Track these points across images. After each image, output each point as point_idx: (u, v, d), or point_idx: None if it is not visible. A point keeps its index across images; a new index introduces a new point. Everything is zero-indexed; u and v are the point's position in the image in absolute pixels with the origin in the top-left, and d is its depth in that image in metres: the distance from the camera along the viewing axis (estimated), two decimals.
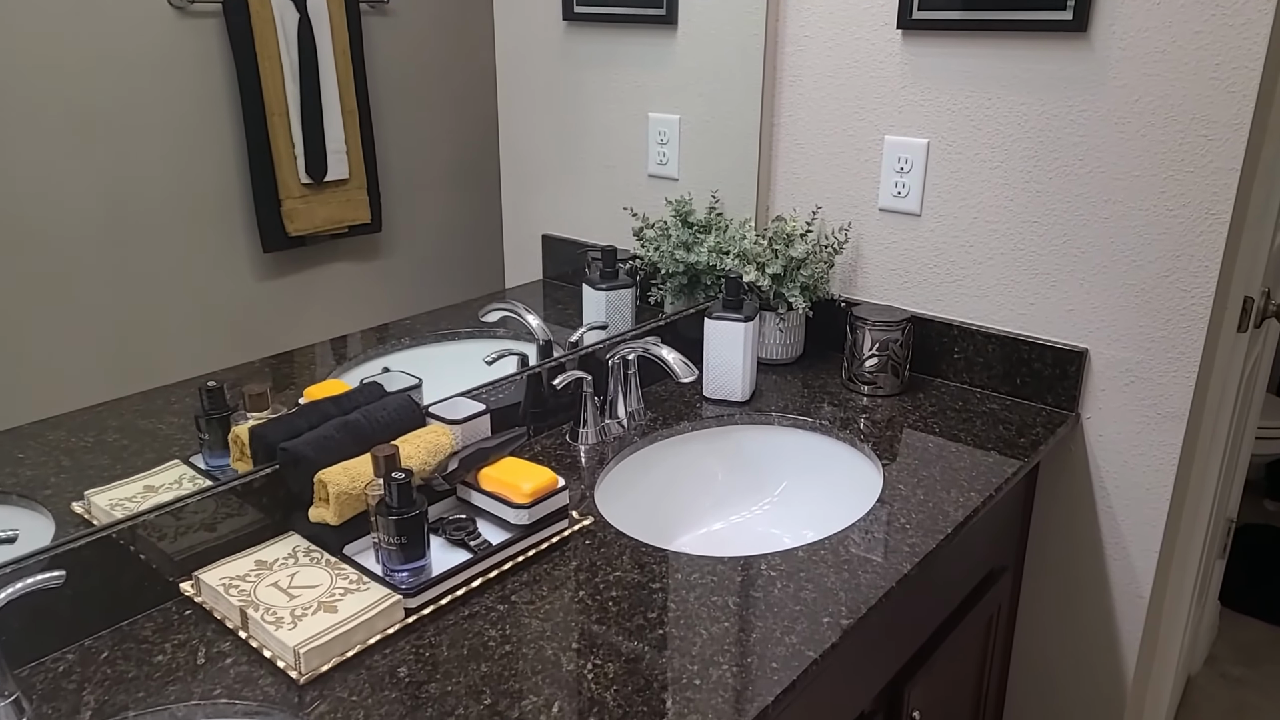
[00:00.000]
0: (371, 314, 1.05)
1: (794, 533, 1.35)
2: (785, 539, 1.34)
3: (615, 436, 1.35)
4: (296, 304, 0.95)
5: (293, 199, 0.89)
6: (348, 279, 1.00)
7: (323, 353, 1.09)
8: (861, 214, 1.59)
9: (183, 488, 1.02)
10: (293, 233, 0.90)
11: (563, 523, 1.08)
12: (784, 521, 1.37)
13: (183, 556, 0.97)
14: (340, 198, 0.93)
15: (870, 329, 1.48)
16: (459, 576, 0.96)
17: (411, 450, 1.04)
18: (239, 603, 0.90)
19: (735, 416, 1.43)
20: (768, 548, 1.32)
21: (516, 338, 1.33)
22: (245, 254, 0.88)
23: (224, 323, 0.93)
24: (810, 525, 1.35)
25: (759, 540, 1.35)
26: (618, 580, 0.99)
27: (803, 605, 0.94)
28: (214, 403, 1.05)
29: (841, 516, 1.30)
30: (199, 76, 0.85)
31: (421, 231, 1.05)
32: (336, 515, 0.97)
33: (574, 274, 1.39)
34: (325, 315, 1.00)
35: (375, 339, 1.13)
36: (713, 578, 0.99)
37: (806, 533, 1.34)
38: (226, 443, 1.05)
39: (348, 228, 0.94)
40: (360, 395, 1.11)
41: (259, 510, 1.03)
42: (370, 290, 1.04)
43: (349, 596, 0.90)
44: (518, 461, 1.09)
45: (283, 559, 0.98)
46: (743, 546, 1.34)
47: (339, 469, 0.98)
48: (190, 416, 0.96)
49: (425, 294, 1.11)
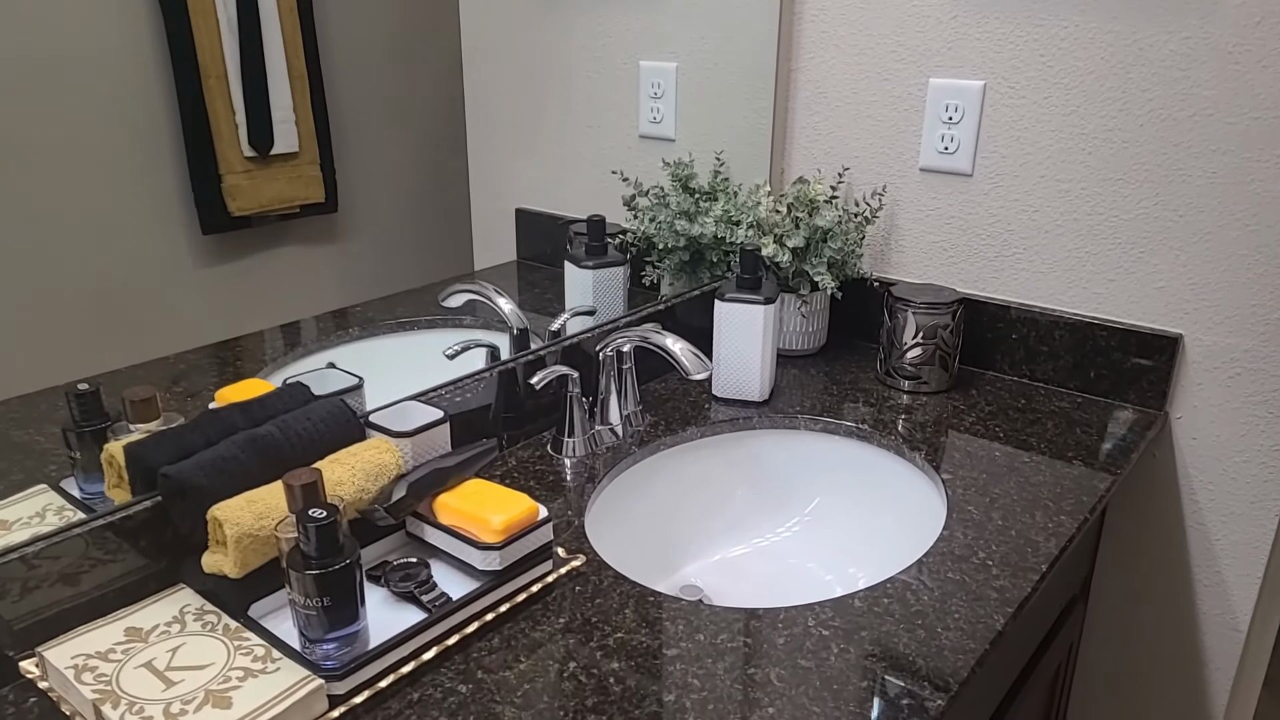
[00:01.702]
0: (326, 303, 0.92)
1: (833, 562, 1.13)
2: (822, 572, 1.13)
3: (608, 446, 1.13)
4: (240, 293, 0.83)
5: (235, 174, 0.78)
6: (300, 264, 0.87)
7: (255, 347, 0.88)
8: (899, 175, 1.38)
9: (44, 522, 0.80)
10: (236, 212, 0.79)
11: (545, 564, 0.85)
12: (819, 546, 1.16)
13: (27, 623, 0.74)
14: (289, 173, 0.82)
15: (915, 312, 1.27)
16: (407, 646, 0.74)
17: (343, 474, 0.81)
18: (94, 694, 0.66)
19: (753, 420, 1.22)
20: (803, 585, 1.11)
21: (487, 327, 1.11)
22: (181, 236, 0.77)
23: (153, 315, 0.79)
24: (852, 553, 1.13)
25: (789, 572, 1.13)
26: (620, 645, 0.77)
27: (871, 680, 0.72)
28: (86, 411, 0.82)
29: (894, 543, 1.08)
30: (122, 31, 0.74)
31: (382, 210, 0.93)
32: (237, 565, 0.74)
33: (553, 253, 1.18)
34: (273, 305, 0.86)
35: (321, 329, 0.93)
36: (745, 639, 0.77)
37: (849, 566, 1.12)
38: (101, 464, 0.82)
39: (299, 207, 0.84)
40: (277, 401, 0.88)
41: (138, 556, 0.80)
42: (325, 277, 0.90)
43: (250, 682, 0.68)
44: (486, 485, 0.86)
45: (165, 625, 0.75)
46: (769, 580, 1.12)
47: (241, 502, 0.75)
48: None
49: (387, 280, 0.97)
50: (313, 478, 0.72)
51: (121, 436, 0.85)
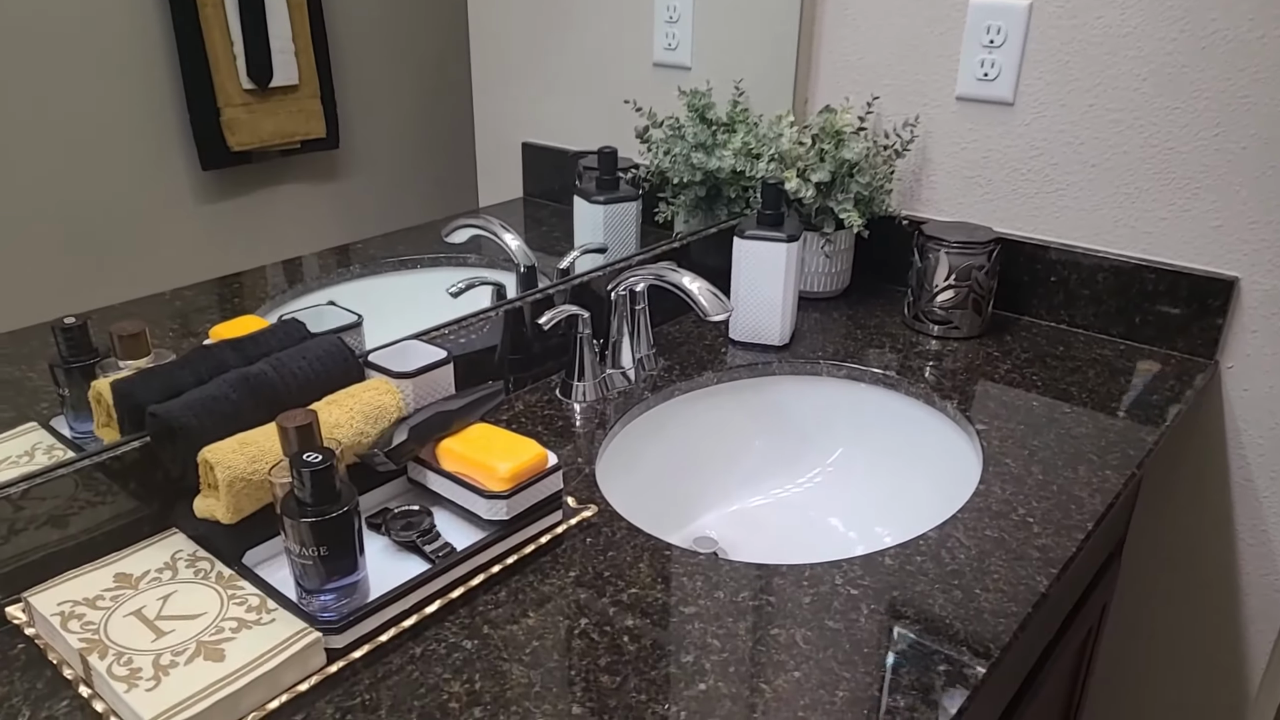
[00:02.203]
0: (326, 240, 0.89)
1: (857, 516, 1.10)
2: (844, 526, 1.10)
3: (619, 391, 1.10)
4: (239, 230, 0.81)
5: (233, 107, 0.76)
6: (301, 201, 0.85)
7: (254, 284, 0.85)
8: (933, 104, 1.32)
9: (33, 461, 0.78)
10: (235, 147, 0.77)
11: (555, 515, 0.83)
12: (841, 499, 1.13)
13: (12, 567, 0.72)
14: (290, 107, 0.80)
15: (948, 252, 1.22)
16: (409, 598, 0.71)
17: (340, 415, 0.78)
18: (81, 643, 0.64)
19: (772, 365, 1.18)
20: (825, 540, 1.08)
21: (492, 265, 1.07)
22: (180, 172, 0.76)
23: (150, 251, 0.77)
24: (877, 507, 1.10)
25: (809, 526, 1.10)
26: (635, 602, 0.74)
27: (904, 644, 0.70)
28: (74, 346, 0.79)
29: (923, 498, 1.05)
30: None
31: (383, 146, 0.91)
32: (230, 510, 0.71)
33: (560, 190, 1.13)
34: (273, 242, 0.84)
35: (322, 266, 0.90)
36: (768, 598, 0.75)
37: (874, 520, 1.09)
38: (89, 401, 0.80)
39: (299, 142, 0.82)
40: (271, 338, 0.84)
41: (128, 498, 0.77)
42: (326, 214, 0.88)
43: (244, 633, 0.65)
44: (492, 430, 0.83)
45: (155, 572, 0.72)
46: (788, 534, 1.09)
47: (233, 444, 0.72)
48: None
49: (389, 217, 0.94)
50: (308, 419, 0.69)
51: (110, 373, 0.82)
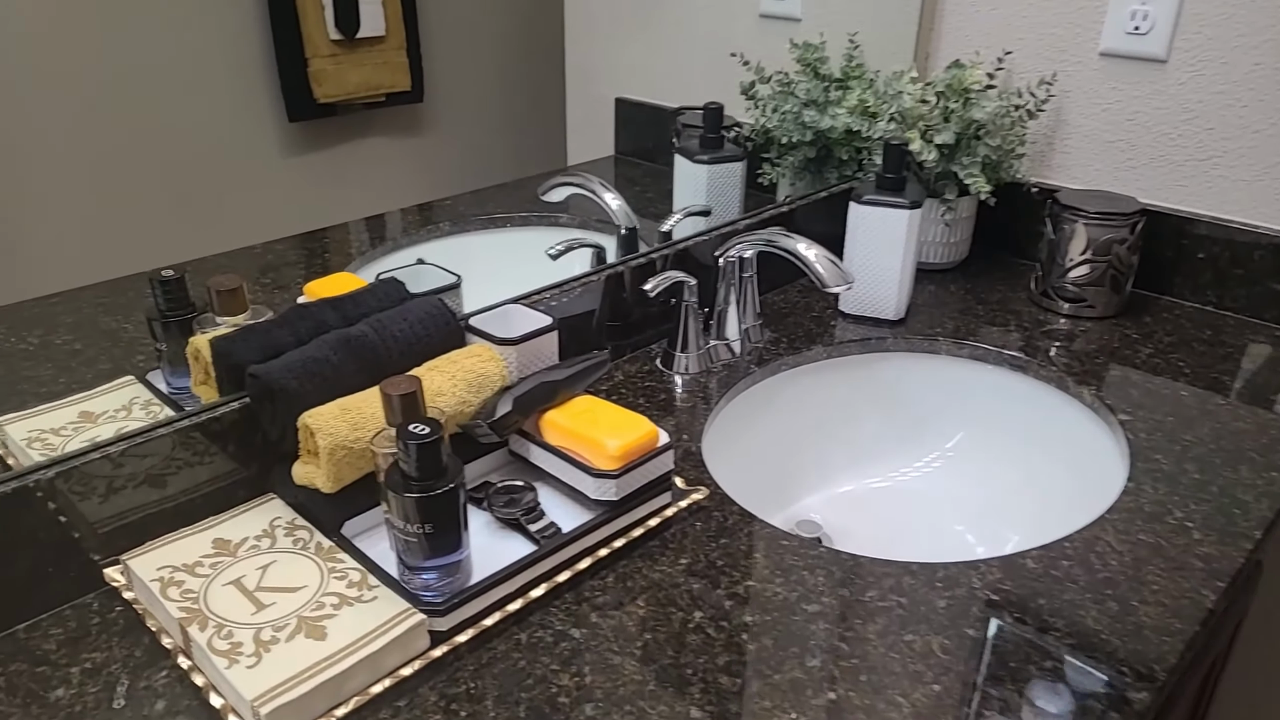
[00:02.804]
0: (412, 196, 0.87)
1: (978, 508, 1.04)
2: (964, 517, 1.04)
3: (724, 364, 1.05)
4: (326, 183, 0.80)
5: (321, 58, 0.76)
6: (386, 155, 0.84)
7: (342, 240, 0.83)
8: (1073, 61, 1.22)
9: (130, 417, 0.77)
10: (321, 98, 0.77)
11: (664, 496, 0.79)
12: (962, 488, 1.07)
13: (111, 527, 0.71)
14: (375, 59, 0.80)
15: (1086, 224, 1.14)
16: (514, 580, 0.68)
17: (443, 383, 0.75)
18: (181, 612, 0.63)
19: (887, 341, 1.12)
20: (940, 532, 1.02)
21: (584, 226, 1.03)
22: (268, 122, 0.75)
23: (239, 202, 0.76)
24: (1004, 498, 1.04)
25: (924, 516, 1.05)
26: (752, 595, 0.70)
27: (1054, 661, 0.64)
28: (172, 300, 0.78)
29: (1057, 492, 0.99)
30: None
31: (469, 101, 0.88)
32: (331, 479, 0.69)
33: (654, 149, 1.08)
34: (356, 197, 0.83)
35: (408, 223, 0.88)
36: (899, 599, 0.70)
37: (999, 511, 1.03)
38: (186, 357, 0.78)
39: (385, 95, 0.81)
40: (371, 297, 0.82)
41: (226, 459, 0.76)
42: (411, 169, 0.86)
43: (346, 611, 0.63)
44: (598, 403, 0.79)
45: (254, 539, 0.71)
46: (899, 523, 1.04)
47: (335, 410, 0.69)
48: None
49: (474, 174, 0.91)
50: (412, 387, 0.66)
51: (208, 329, 0.81)
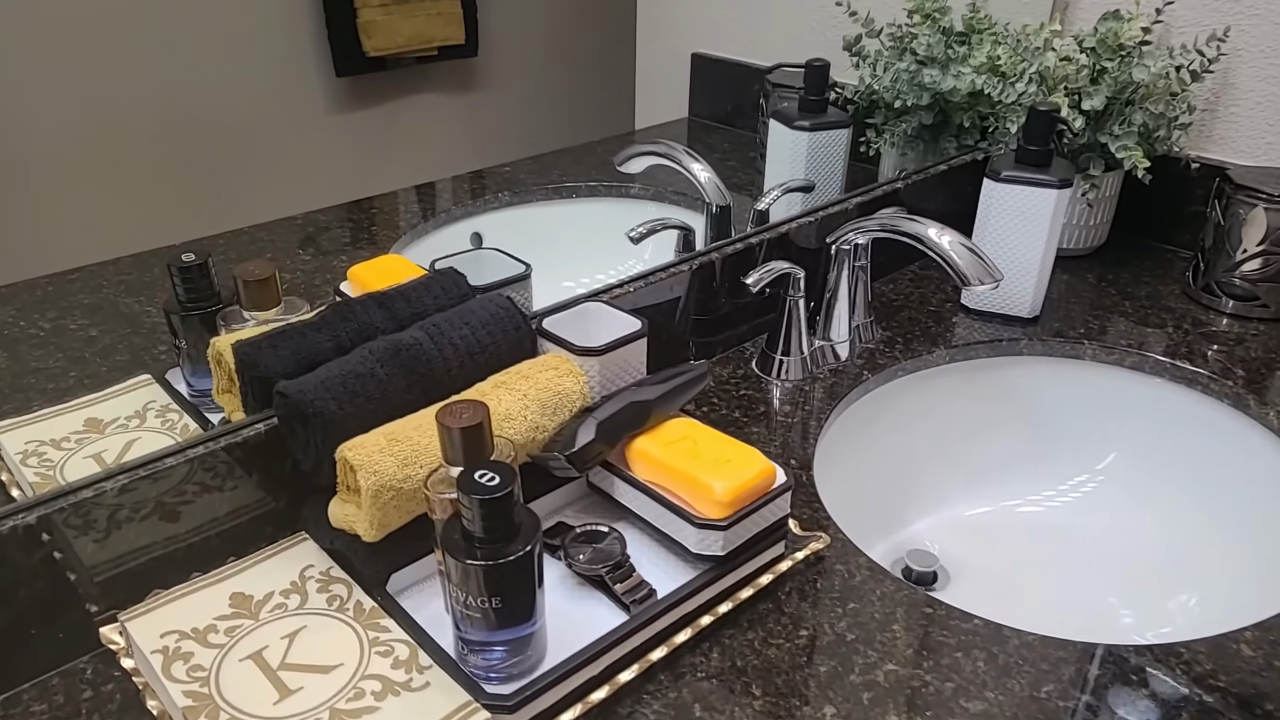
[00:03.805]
0: (463, 160, 0.78)
1: (1142, 549, 0.89)
2: (1123, 562, 0.89)
3: (830, 368, 0.91)
4: (371, 145, 0.73)
5: (371, 8, 0.70)
6: (438, 114, 0.76)
7: (390, 210, 0.73)
8: (1250, 13, 1.04)
9: (144, 426, 0.67)
10: (371, 52, 0.71)
11: (777, 547, 0.65)
12: (1117, 521, 0.92)
13: (110, 573, 0.59)
14: (429, 9, 0.74)
15: (1268, 208, 0.97)
16: (599, 661, 0.55)
17: (511, 403, 0.62)
18: (187, 699, 0.51)
19: (1020, 343, 0.97)
20: (1088, 571, 0.87)
21: (659, 198, 0.89)
22: (314, 77, 0.69)
23: (281, 163, 0.68)
24: (1168, 542, 0.89)
25: (1069, 554, 0.90)
26: (896, 685, 0.56)
27: None
28: (192, 289, 0.68)
29: (1250, 539, 0.83)
30: None
31: (528, 56, 0.80)
32: (373, 526, 0.57)
33: (733, 112, 0.95)
34: (406, 160, 0.75)
35: (463, 193, 0.78)
36: (1083, 697, 0.56)
37: (1169, 556, 0.88)
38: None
39: (437, 49, 0.75)
40: (426, 293, 0.69)
41: (251, 489, 0.64)
42: (465, 130, 0.77)
43: (390, 703, 0.51)
44: (697, 427, 0.66)
45: (280, 595, 0.59)
46: (1033, 557, 0.90)
47: (380, 441, 0.57)
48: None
49: (532, 137, 0.82)
50: (477, 418, 0.53)
51: (234, 326, 0.69)
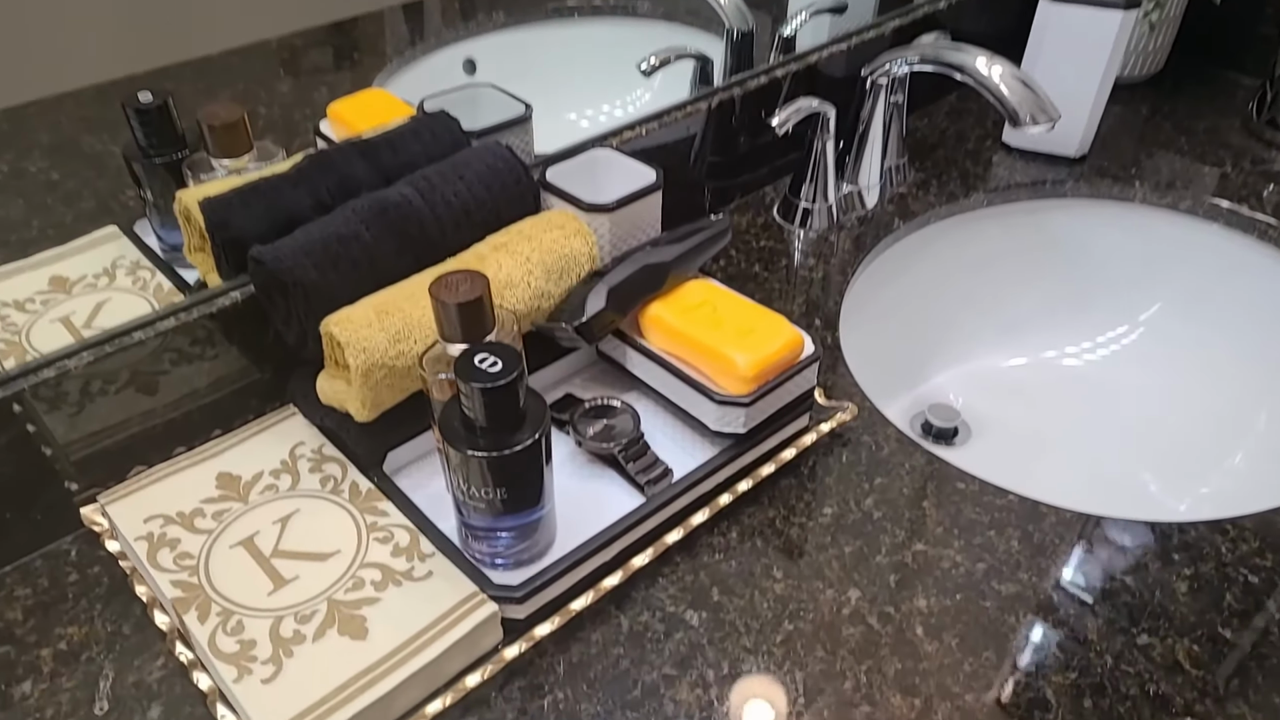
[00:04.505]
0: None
1: (1178, 400, 0.86)
2: (1161, 416, 0.85)
3: (859, 216, 0.85)
4: None
5: None
6: None
7: (374, 34, 0.66)
8: None
9: (113, 285, 0.63)
10: None
11: (801, 420, 0.61)
12: (1158, 373, 0.88)
13: (85, 451, 0.56)
14: None
15: None
16: (613, 546, 0.53)
17: (513, 268, 0.57)
18: (175, 589, 0.49)
19: (1065, 185, 0.90)
20: (1128, 435, 0.84)
21: (669, 17, 0.81)
22: None
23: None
24: (1216, 395, 0.85)
25: (1104, 409, 0.87)
26: (925, 565, 0.54)
27: None
28: (153, 134, 0.62)
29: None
30: None
31: None
32: (365, 405, 0.53)
33: None
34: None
35: (454, 12, 0.70)
36: (1123, 578, 0.53)
37: (1213, 413, 0.84)
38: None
39: None
40: (414, 140, 0.62)
41: (232, 357, 0.60)
42: None
43: (391, 593, 0.49)
44: (717, 291, 0.61)
45: (270, 475, 0.56)
46: (1070, 414, 0.86)
47: (368, 314, 0.52)
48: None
49: None
50: (476, 291, 0.48)
51: (202, 176, 0.63)
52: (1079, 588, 0.53)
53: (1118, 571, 0.54)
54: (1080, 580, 0.53)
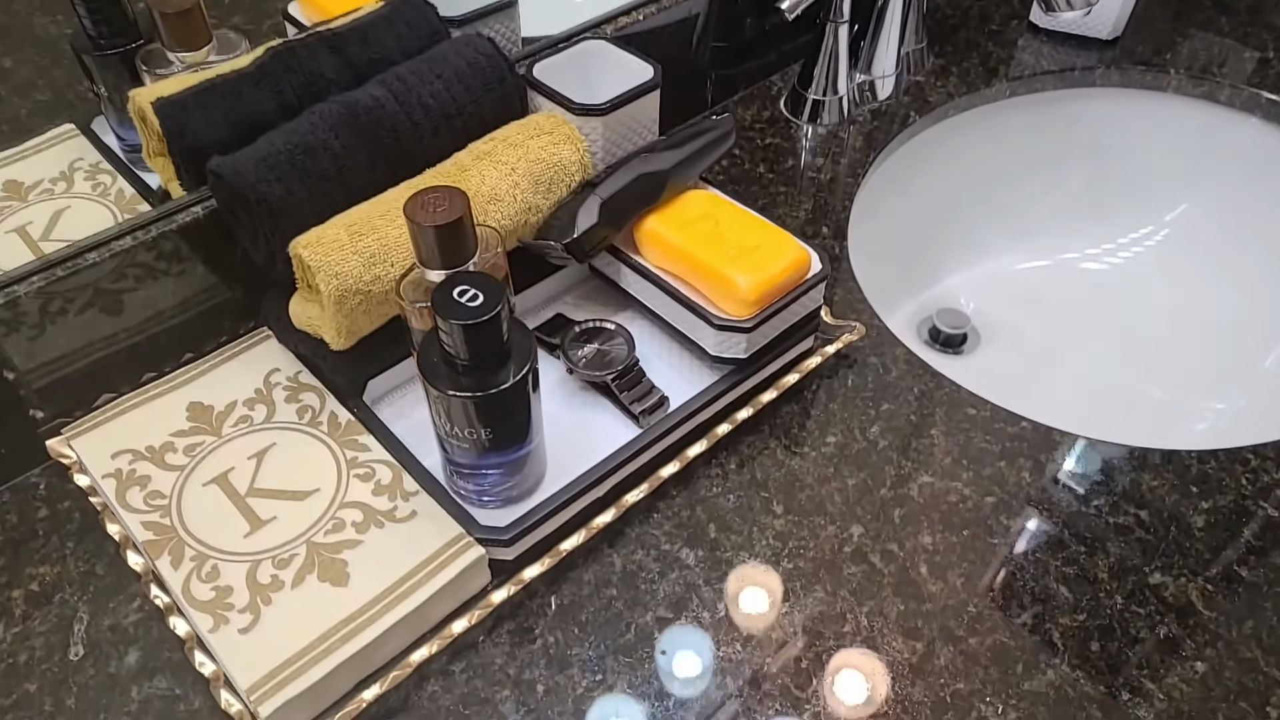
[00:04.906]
0: None
1: (1207, 313, 0.82)
2: (1184, 325, 0.82)
3: (872, 109, 0.79)
4: None
5: None
6: None
7: None
8: None
9: (71, 191, 0.60)
10: None
11: (806, 341, 0.58)
12: (1181, 278, 0.84)
13: (48, 378, 0.53)
14: None
15: None
16: (605, 483, 0.50)
17: (497, 180, 0.52)
18: (147, 531, 0.47)
19: (1095, 72, 0.84)
20: (1146, 344, 0.81)
21: None
22: None
23: None
24: (1239, 305, 0.82)
25: (1124, 315, 0.84)
26: (934, 499, 0.52)
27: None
28: (103, 22, 0.58)
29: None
30: None
31: None
32: (339, 333, 0.50)
33: None
34: None
35: None
36: (1136, 511, 0.51)
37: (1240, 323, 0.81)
38: None
39: None
40: (387, 32, 0.57)
41: (203, 275, 0.56)
42: None
43: (373, 535, 0.47)
44: (719, 202, 0.57)
45: (244, 404, 0.53)
46: (1087, 320, 0.83)
47: (340, 234, 0.48)
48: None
49: None
50: (455, 212, 0.44)
51: (158, 71, 0.59)
52: (1091, 523, 0.51)
53: (1132, 506, 0.52)
54: (1093, 514, 0.51)
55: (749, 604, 0.47)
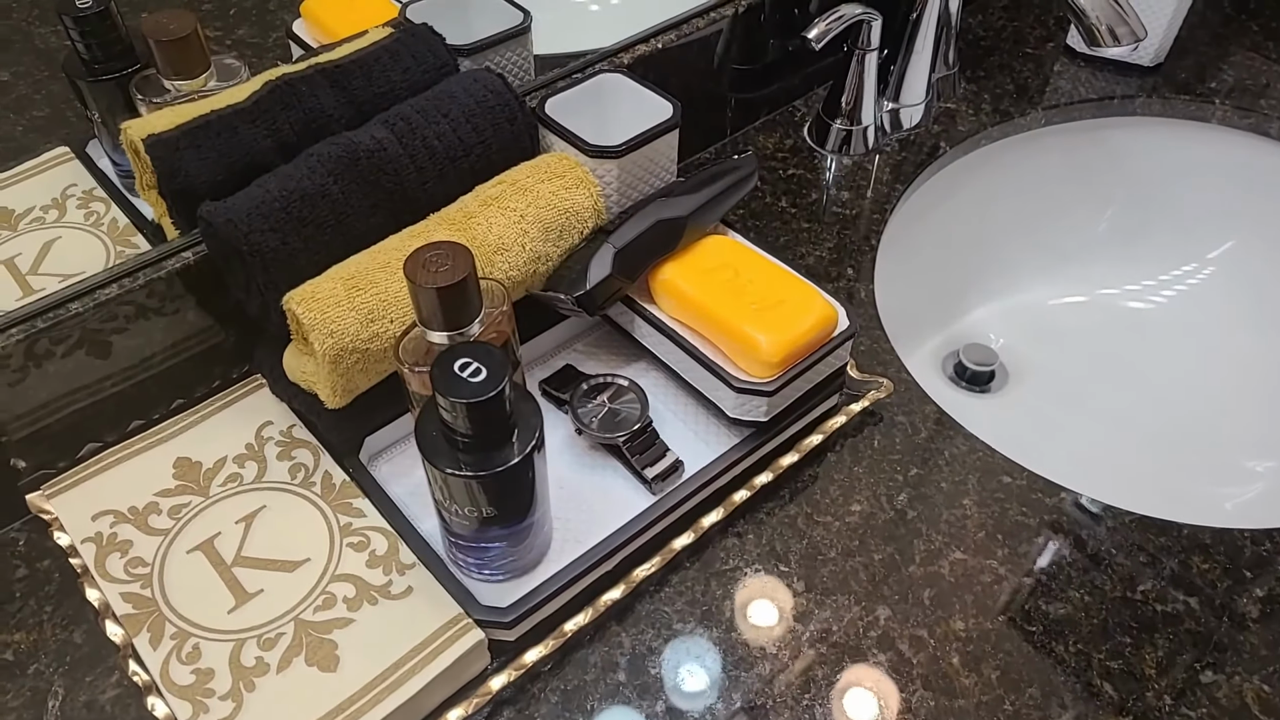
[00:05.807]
0: None
1: (1252, 362, 0.79)
2: (1225, 375, 0.79)
3: (899, 138, 0.76)
4: None
5: None
6: None
7: None
8: None
9: (64, 219, 0.58)
10: None
11: (830, 399, 0.55)
12: (1223, 324, 0.80)
13: (28, 428, 0.51)
14: None
15: None
16: (614, 557, 0.48)
17: (505, 228, 0.50)
18: (126, 604, 0.44)
19: (1135, 101, 0.81)
20: (1181, 392, 0.78)
21: None
22: None
23: None
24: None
25: (1156, 358, 0.80)
26: (965, 578, 0.49)
27: None
28: (95, 45, 0.56)
29: None
30: None
31: None
32: (334, 392, 0.47)
33: None
34: None
35: None
36: (1186, 599, 0.48)
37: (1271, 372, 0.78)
38: None
39: None
40: (393, 65, 0.54)
41: (195, 318, 0.54)
42: None
43: (365, 613, 0.44)
44: (740, 250, 0.54)
45: (234, 461, 0.50)
46: (1117, 361, 0.80)
47: (337, 289, 0.46)
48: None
49: None
50: (459, 273, 0.41)
51: (154, 100, 0.56)
52: (1137, 611, 0.48)
53: (1181, 592, 0.48)
54: (1139, 601, 0.48)
55: (768, 701, 0.44)
